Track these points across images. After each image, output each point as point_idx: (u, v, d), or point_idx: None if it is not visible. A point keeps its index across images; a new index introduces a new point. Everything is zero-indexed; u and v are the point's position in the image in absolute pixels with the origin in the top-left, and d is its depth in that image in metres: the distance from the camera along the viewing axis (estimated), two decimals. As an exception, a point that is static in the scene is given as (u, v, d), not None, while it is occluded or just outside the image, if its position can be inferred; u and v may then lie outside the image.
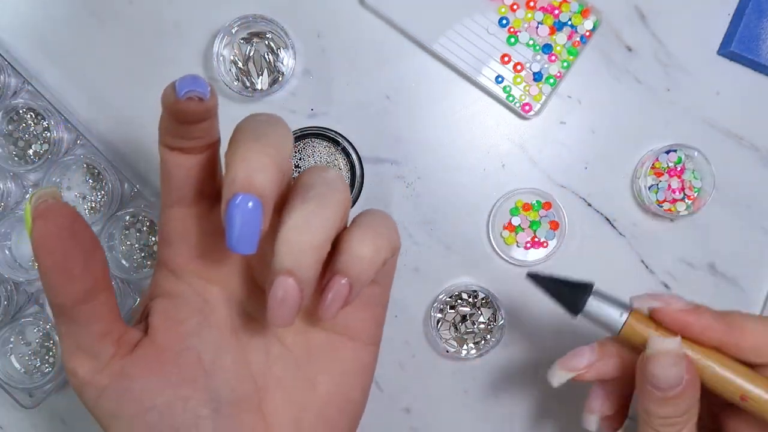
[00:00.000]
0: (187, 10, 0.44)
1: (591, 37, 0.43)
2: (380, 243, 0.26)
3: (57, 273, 0.25)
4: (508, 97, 0.44)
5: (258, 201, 0.24)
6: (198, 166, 0.28)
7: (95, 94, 0.45)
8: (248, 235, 0.24)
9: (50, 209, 0.24)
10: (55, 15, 0.45)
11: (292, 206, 0.25)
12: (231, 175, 0.24)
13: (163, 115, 0.26)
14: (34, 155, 0.44)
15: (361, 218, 0.27)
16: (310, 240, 0.24)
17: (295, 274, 0.24)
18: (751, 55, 0.43)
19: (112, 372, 0.27)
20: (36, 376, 0.45)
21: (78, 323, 0.26)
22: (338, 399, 0.30)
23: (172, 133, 0.27)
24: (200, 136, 0.27)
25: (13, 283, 0.44)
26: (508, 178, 0.45)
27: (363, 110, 0.45)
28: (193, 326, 0.29)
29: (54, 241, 0.24)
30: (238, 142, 0.25)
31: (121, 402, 0.27)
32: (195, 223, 0.29)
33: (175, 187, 0.28)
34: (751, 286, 0.45)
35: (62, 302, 0.25)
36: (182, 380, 0.28)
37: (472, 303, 0.44)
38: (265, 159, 0.24)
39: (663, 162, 0.44)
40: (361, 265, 0.26)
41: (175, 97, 0.25)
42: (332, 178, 0.27)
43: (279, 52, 0.44)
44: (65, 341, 0.27)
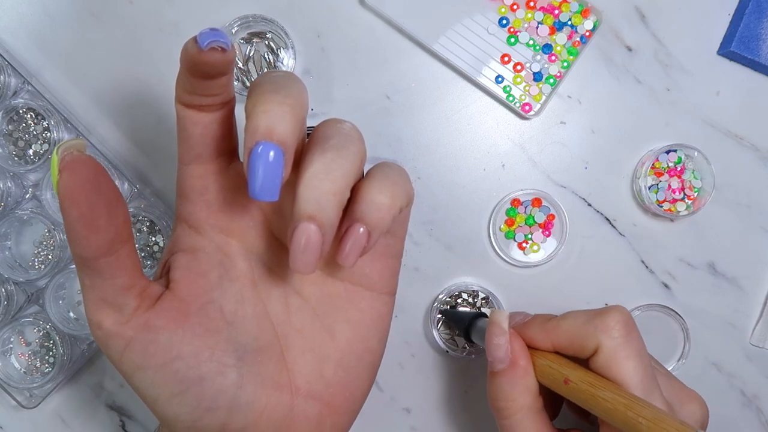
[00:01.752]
0: (187, 10, 0.44)
1: (591, 37, 0.43)
2: (397, 191, 0.27)
3: (82, 224, 0.25)
4: (508, 97, 0.44)
5: (280, 149, 0.25)
6: (215, 123, 0.29)
7: (95, 94, 0.45)
8: (270, 183, 0.25)
9: (76, 161, 0.25)
10: (55, 15, 0.45)
11: (312, 155, 0.26)
12: (253, 125, 0.25)
13: (182, 72, 0.27)
14: (34, 155, 0.44)
15: (376, 169, 0.28)
16: (331, 186, 0.25)
17: (317, 220, 0.25)
18: (751, 55, 0.43)
19: (137, 324, 0.27)
20: (36, 376, 0.45)
21: (102, 276, 0.26)
22: (357, 348, 0.31)
23: (189, 90, 0.27)
24: (217, 93, 0.28)
25: (13, 283, 0.44)
26: (508, 178, 0.45)
27: (363, 110, 0.45)
28: (214, 279, 0.29)
29: (80, 193, 0.24)
30: (259, 94, 0.26)
31: (146, 353, 0.27)
32: (213, 179, 0.30)
33: (193, 145, 0.29)
34: (751, 286, 0.45)
35: (87, 254, 0.26)
36: (206, 331, 0.28)
37: (472, 303, 0.44)
38: (286, 109, 0.25)
39: (663, 162, 0.44)
40: (379, 213, 0.27)
41: (198, 48, 0.25)
42: (349, 128, 0.28)
43: (279, 52, 0.44)
44: (89, 295, 0.27)
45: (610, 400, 0.29)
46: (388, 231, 0.30)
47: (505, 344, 0.33)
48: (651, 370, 0.31)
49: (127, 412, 0.46)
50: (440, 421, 0.45)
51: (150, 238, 0.45)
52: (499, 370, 0.33)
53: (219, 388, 0.28)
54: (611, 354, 0.31)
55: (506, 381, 0.33)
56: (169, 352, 0.27)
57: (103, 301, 0.27)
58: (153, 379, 0.27)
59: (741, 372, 0.45)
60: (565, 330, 0.33)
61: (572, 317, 0.33)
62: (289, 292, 0.31)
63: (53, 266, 0.43)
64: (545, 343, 0.33)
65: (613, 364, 0.31)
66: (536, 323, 0.34)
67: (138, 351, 0.27)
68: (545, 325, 0.33)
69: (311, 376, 0.30)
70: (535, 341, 0.34)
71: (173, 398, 0.28)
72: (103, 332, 0.27)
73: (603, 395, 0.29)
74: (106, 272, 0.26)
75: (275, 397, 0.29)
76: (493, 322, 0.33)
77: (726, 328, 0.45)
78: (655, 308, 0.44)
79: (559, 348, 0.33)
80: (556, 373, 0.32)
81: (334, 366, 0.30)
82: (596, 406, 0.30)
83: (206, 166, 0.29)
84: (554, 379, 0.32)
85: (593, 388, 0.30)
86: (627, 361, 0.31)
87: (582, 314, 0.33)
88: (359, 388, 0.31)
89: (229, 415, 0.28)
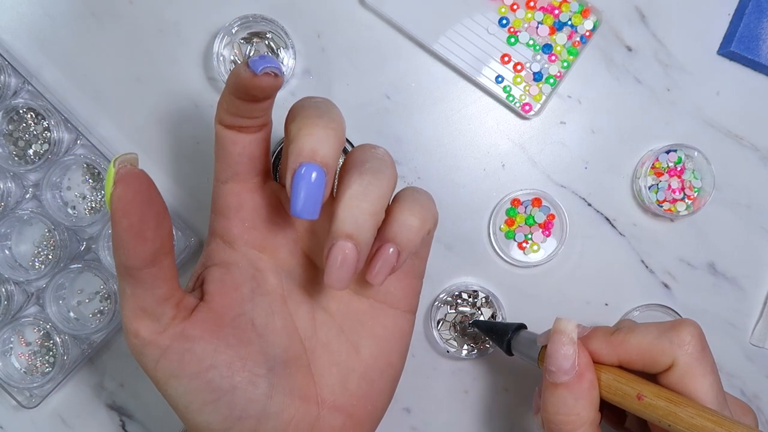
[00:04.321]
0: (187, 10, 0.44)
1: (591, 37, 0.43)
2: (425, 214, 0.29)
3: (131, 235, 0.26)
4: (508, 97, 0.44)
5: (322, 171, 0.26)
6: (253, 144, 0.30)
7: (95, 94, 0.45)
8: (312, 203, 0.27)
9: (130, 174, 0.26)
10: (55, 15, 0.45)
11: (350, 178, 0.27)
12: (298, 147, 0.26)
13: (227, 95, 0.28)
14: (34, 155, 0.44)
15: (405, 193, 0.30)
16: (369, 207, 0.27)
17: (354, 238, 0.27)
18: (751, 55, 0.43)
19: (174, 334, 0.28)
20: (36, 376, 0.45)
21: (143, 285, 0.27)
22: (380, 363, 0.32)
23: (233, 112, 0.29)
24: (259, 116, 0.29)
25: (13, 283, 0.44)
26: (508, 178, 0.45)
27: (363, 110, 0.45)
28: (246, 293, 0.31)
29: (131, 205, 0.26)
30: (304, 118, 0.27)
31: (182, 362, 0.28)
32: (248, 196, 0.31)
33: (231, 164, 0.30)
34: (751, 286, 0.45)
35: (132, 263, 0.27)
36: (239, 342, 0.29)
37: (472, 303, 0.44)
38: (330, 133, 0.27)
39: (663, 162, 0.44)
40: (409, 234, 0.28)
41: (252, 73, 0.26)
42: (383, 153, 0.30)
43: (279, 52, 0.44)
44: (129, 303, 0.28)
45: (696, 416, 0.28)
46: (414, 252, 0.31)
47: (573, 355, 0.31)
48: (721, 386, 0.31)
49: (127, 412, 0.46)
50: (440, 421, 0.45)
51: (150, 238, 0.45)
52: (563, 382, 0.31)
53: (250, 397, 0.29)
54: (687, 369, 0.30)
55: (570, 394, 0.31)
56: (204, 362, 0.28)
57: (142, 311, 0.28)
58: (187, 387, 0.28)
59: (741, 372, 0.45)
60: (634, 344, 0.31)
61: (642, 331, 0.31)
62: (317, 308, 0.32)
63: (53, 266, 0.43)
64: (610, 358, 0.31)
65: (689, 380, 0.30)
66: (599, 336, 0.32)
67: (173, 360, 0.28)
68: (610, 338, 0.31)
69: (336, 388, 0.31)
70: (598, 355, 0.31)
71: (205, 407, 0.28)
72: (140, 341, 0.28)
73: (685, 412, 0.28)
74: (147, 282, 0.27)
75: (302, 408, 0.30)
76: (559, 331, 0.31)
77: (726, 328, 0.45)
78: (655, 308, 0.44)
79: (627, 363, 0.31)
80: (627, 388, 0.30)
81: (358, 379, 0.32)
82: (678, 423, 0.28)
83: (242, 184, 0.31)
84: (624, 395, 0.30)
85: (673, 405, 0.29)
86: (703, 378, 0.30)
87: (653, 328, 0.31)
88: (381, 401, 0.33)
89: (258, 425, 0.29)
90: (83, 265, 0.43)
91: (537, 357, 0.34)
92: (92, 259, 0.44)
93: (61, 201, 0.45)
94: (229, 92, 0.28)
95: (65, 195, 0.45)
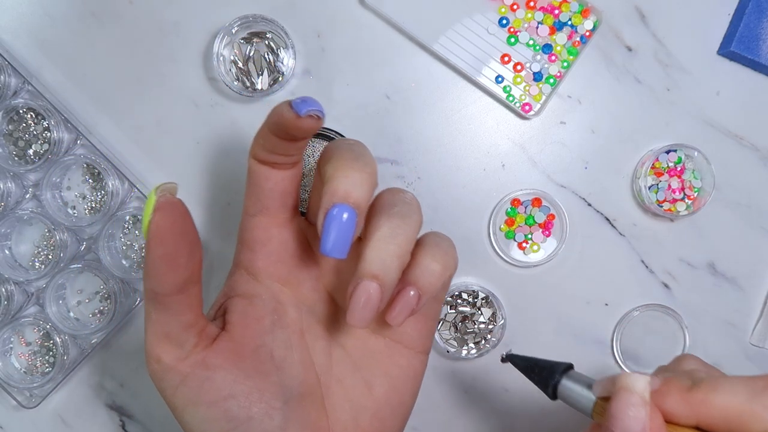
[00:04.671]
0: (187, 10, 0.44)
1: (591, 37, 0.43)
2: (447, 261, 0.30)
3: (165, 263, 0.27)
4: (508, 97, 0.44)
5: (354, 212, 0.27)
6: (285, 180, 0.31)
7: (95, 94, 0.45)
8: (342, 242, 0.27)
9: (169, 203, 0.26)
10: (55, 15, 0.45)
11: (379, 220, 0.28)
12: (332, 188, 0.27)
13: (265, 132, 0.29)
14: (34, 155, 0.44)
15: (429, 238, 0.31)
16: (396, 250, 0.27)
17: (380, 279, 0.27)
18: (751, 55, 0.43)
19: (195, 361, 0.29)
20: (36, 376, 0.45)
21: (170, 311, 0.28)
22: (392, 401, 0.32)
23: (269, 149, 0.29)
24: (294, 154, 0.30)
25: (13, 283, 0.44)
26: (508, 178, 0.45)
27: (363, 110, 0.45)
28: (267, 325, 0.31)
29: (167, 234, 0.26)
30: (339, 159, 0.28)
31: (201, 390, 0.29)
32: (276, 231, 0.32)
33: (261, 198, 0.31)
34: (751, 286, 0.45)
35: (162, 290, 0.27)
36: (258, 373, 0.30)
37: (472, 303, 0.44)
38: (365, 177, 0.27)
39: (663, 162, 0.44)
40: (431, 279, 0.29)
41: (296, 115, 0.27)
42: (410, 198, 0.30)
43: (279, 52, 0.44)
44: (153, 328, 0.28)
45: None
46: None
47: (644, 418, 0.26)
48: None
49: (127, 412, 0.46)
50: (440, 421, 0.45)
51: (150, 238, 0.45)
52: None
53: (265, 429, 0.29)
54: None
55: None
56: (223, 391, 0.29)
57: (166, 337, 0.28)
58: (204, 415, 0.29)
59: (741, 372, 0.45)
60: (720, 406, 0.26)
61: (729, 390, 0.26)
62: (333, 344, 0.33)
63: (53, 266, 0.43)
64: (687, 419, 0.27)
65: None
66: (675, 391, 0.27)
67: (193, 387, 0.29)
68: (688, 396, 0.27)
69: (348, 424, 0.32)
70: (672, 414, 0.27)
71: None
72: (161, 366, 0.29)
73: None
74: (174, 309, 0.28)
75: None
76: (628, 389, 0.26)
77: (726, 328, 0.45)
78: (655, 308, 0.44)
79: (708, 426, 0.27)
80: None
81: (370, 417, 0.32)
82: None
83: (271, 218, 0.31)
84: None
85: None
86: None
87: (741, 387, 0.26)
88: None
89: None
90: (83, 265, 0.43)
91: (591, 409, 0.29)
92: (92, 259, 0.44)
93: (61, 201, 0.45)
94: (267, 129, 0.29)
95: (65, 195, 0.45)
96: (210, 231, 0.45)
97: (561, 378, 0.30)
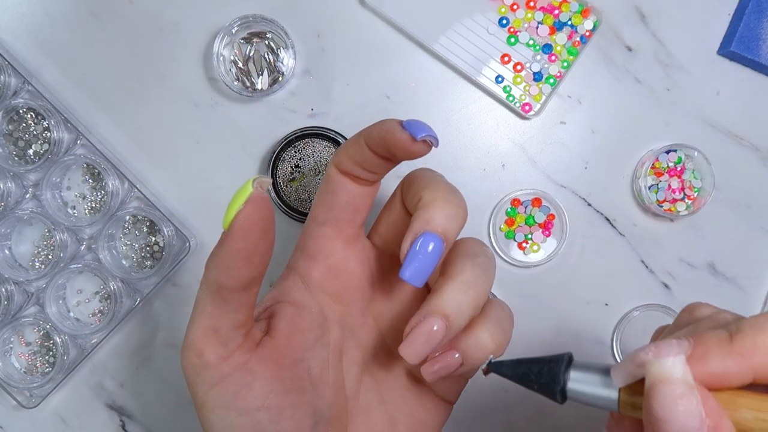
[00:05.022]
0: (187, 10, 0.44)
1: (591, 37, 0.43)
2: (502, 341, 0.29)
3: (241, 256, 0.25)
4: (508, 97, 0.44)
5: (442, 245, 0.27)
6: (362, 196, 0.31)
7: (95, 94, 0.45)
8: (423, 271, 0.27)
9: (261, 199, 0.25)
10: (55, 15, 0.45)
11: (464, 264, 0.28)
12: (428, 215, 0.27)
13: (359, 144, 0.29)
14: (34, 155, 0.44)
15: (493, 310, 0.29)
16: (474, 299, 0.27)
17: (449, 321, 0.26)
18: (751, 55, 0.43)
19: (238, 363, 0.28)
20: (36, 376, 0.45)
21: (228, 307, 0.27)
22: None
23: (358, 162, 0.29)
24: (382, 173, 0.30)
25: (13, 283, 0.44)
26: (508, 178, 0.45)
27: (363, 110, 0.44)
28: (311, 339, 0.30)
29: (253, 229, 0.25)
30: (438, 189, 0.28)
31: (238, 395, 0.27)
32: (341, 246, 0.31)
33: (335, 208, 0.31)
34: (751, 286, 0.45)
35: (230, 284, 0.26)
36: (294, 388, 0.29)
37: (472, 303, 0.44)
38: (461, 213, 0.28)
39: (663, 162, 0.44)
40: (479, 354, 0.28)
41: (412, 138, 0.27)
42: (491, 255, 0.30)
43: (279, 52, 0.44)
44: (203, 322, 0.27)
45: None
46: None
47: (697, 408, 0.21)
48: None
49: (127, 412, 0.46)
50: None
51: (150, 238, 0.45)
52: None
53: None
54: None
55: None
56: (258, 401, 0.28)
57: (214, 332, 0.27)
58: (233, 421, 0.27)
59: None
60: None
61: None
62: (365, 372, 0.32)
63: (53, 266, 0.43)
64: (741, 375, 0.22)
65: None
66: (715, 349, 0.22)
67: (230, 390, 0.27)
68: (735, 347, 0.22)
69: None
70: (721, 377, 0.22)
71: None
72: (202, 361, 0.27)
73: None
74: (233, 305, 0.27)
75: None
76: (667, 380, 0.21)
77: (726, 328, 0.45)
78: (655, 308, 0.44)
79: (757, 376, 0.22)
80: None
81: None
82: None
83: (338, 231, 0.31)
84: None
85: None
86: None
87: None
88: None
89: None
90: (83, 265, 0.43)
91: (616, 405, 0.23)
92: (92, 259, 0.44)
93: (61, 201, 0.45)
94: (366, 143, 0.28)
95: (65, 195, 0.45)
96: (210, 231, 0.45)
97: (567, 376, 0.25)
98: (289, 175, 0.43)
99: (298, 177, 0.43)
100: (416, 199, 0.28)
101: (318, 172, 0.43)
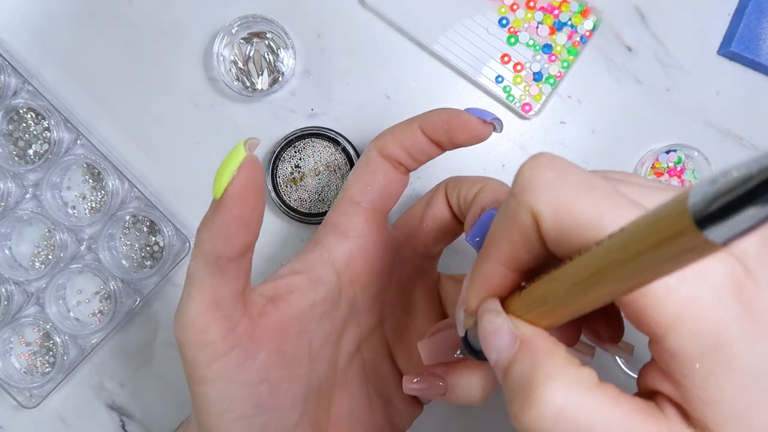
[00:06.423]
0: (187, 10, 0.44)
1: (591, 37, 0.43)
2: (490, 393, 0.29)
3: (239, 223, 0.24)
4: (508, 97, 0.44)
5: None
6: (398, 182, 0.32)
7: (95, 94, 0.45)
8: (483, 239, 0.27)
9: (254, 162, 0.24)
10: (55, 15, 0.45)
11: None
12: (495, 195, 0.28)
13: (410, 129, 0.30)
14: (34, 155, 0.44)
15: None
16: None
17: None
18: (751, 55, 0.43)
19: (242, 335, 0.27)
20: (36, 376, 0.45)
21: (227, 276, 0.26)
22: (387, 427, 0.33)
23: (406, 146, 0.30)
24: (423, 161, 0.31)
25: (13, 283, 0.44)
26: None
27: (363, 110, 0.44)
28: (317, 313, 0.30)
29: (249, 194, 0.24)
30: (496, 182, 0.30)
31: (242, 367, 0.27)
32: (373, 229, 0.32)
33: (372, 190, 0.31)
34: (751, 286, 0.45)
35: (228, 253, 0.25)
36: (293, 362, 0.29)
37: (472, 303, 0.44)
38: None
39: (663, 162, 0.44)
40: (464, 399, 0.28)
41: (482, 120, 0.28)
42: None
43: (279, 52, 0.44)
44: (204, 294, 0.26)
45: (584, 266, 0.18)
46: None
47: (504, 324, 0.22)
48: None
49: (127, 412, 0.46)
50: (440, 421, 0.45)
51: (150, 238, 0.45)
52: (512, 361, 0.21)
53: (284, 423, 0.28)
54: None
55: (527, 364, 0.21)
56: (260, 373, 0.27)
57: (216, 304, 0.26)
58: (233, 394, 0.26)
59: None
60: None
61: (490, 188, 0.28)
62: (356, 354, 0.32)
63: (53, 266, 0.43)
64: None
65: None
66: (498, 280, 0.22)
67: (235, 362, 0.26)
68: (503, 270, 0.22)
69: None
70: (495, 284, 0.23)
71: (240, 420, 0.27)
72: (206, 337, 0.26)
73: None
74: (232, 274, 0.26)
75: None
76: (484, 311, 0.22)
77: (726, 328, 0.45)
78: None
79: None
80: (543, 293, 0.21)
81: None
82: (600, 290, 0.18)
83: (371, 213, 0.32)
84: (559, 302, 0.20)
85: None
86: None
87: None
88: None
89: None
90: (83, 265, 0.43)
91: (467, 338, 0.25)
92: (92, 259, 0.44)
93: (61, 201, 0.45)
94: (421, 126, 0.29)
95: (65, 195, 0.45)
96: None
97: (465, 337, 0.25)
98: (289, 175, 0.43)
99: (298, 177, 0.43)
100: (477, 186, 0.29)
101: (318, 172, 0.43)
